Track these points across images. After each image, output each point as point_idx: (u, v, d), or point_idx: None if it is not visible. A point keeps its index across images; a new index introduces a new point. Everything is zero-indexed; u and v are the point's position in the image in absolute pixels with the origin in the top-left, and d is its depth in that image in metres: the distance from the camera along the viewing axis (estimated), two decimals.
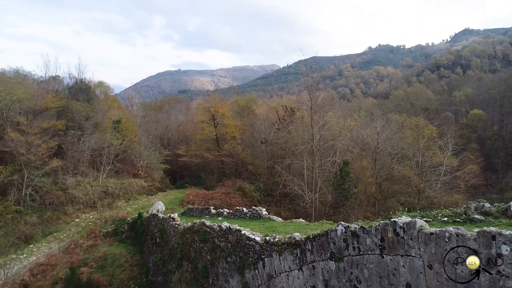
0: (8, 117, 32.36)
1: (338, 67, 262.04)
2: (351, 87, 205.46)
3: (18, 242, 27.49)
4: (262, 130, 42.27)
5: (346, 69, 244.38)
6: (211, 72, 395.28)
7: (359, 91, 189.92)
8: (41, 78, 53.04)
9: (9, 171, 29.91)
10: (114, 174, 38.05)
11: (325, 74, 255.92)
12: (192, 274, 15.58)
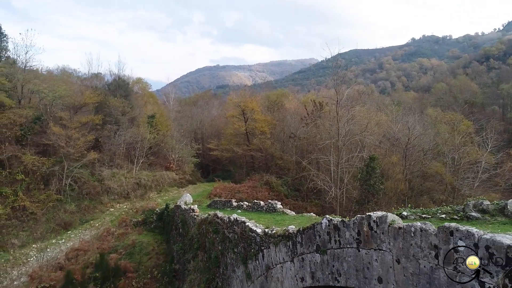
0: (51, 112, 34.74)
1: (378, 60, 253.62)
2: (392, 80, 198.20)
3: (58, 228, 29.68)
4: (291, 125, 42.24)
5: (387, 61, 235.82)
6: (248, 67, 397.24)
7: (400, 84, 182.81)
8: (84, 75, 56.40)
9: (51, 163, 32.20)
10: (148, 167, 39.76)
11: (365, 67, 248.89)
12: (206, 263, 16.16)
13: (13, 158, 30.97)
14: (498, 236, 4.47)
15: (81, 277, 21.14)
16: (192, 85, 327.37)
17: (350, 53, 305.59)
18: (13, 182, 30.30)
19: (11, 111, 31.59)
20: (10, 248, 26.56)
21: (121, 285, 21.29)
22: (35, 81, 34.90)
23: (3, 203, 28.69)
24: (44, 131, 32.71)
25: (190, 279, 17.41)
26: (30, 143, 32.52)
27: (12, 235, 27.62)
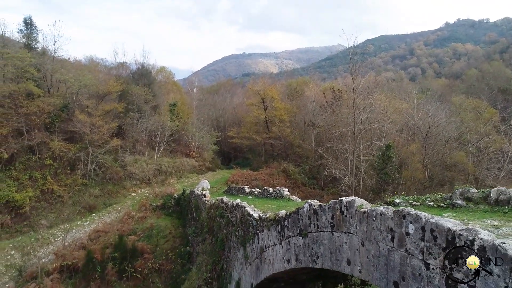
0: (77, 100, 36.30)
1: (409, 45, 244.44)
2: (422, 67, 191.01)
3: (83, 211, 31.35)
4: (311, 113, 42.02)
5: (419, 47, 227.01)
6: (275, 54, 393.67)
7: (431, 71, 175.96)
8: (111, 64, 58.21)
9: (77, 149, 33.85)
10: (169, 154, 40.93)
11: (395, 53, 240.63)
12: (213, 246, 16.78)
13: (42, 144, 32.77)
14: (442, 220, 4.59)
15: (101, 256, 22.42)
16: (218, 73, 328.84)
17: (380, 39, 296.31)
18: (42, 166, 32.13)
19: (40, 99, 33.25)
20: (39, 228, 28.42)
21: (138, 265, 22.41)
22: (62, 70, 36.44)
23: (33, 186, 30.56)
24: (71, 119, 34.28)
25: (199, 260, 18.15)
26: (57, 130, 34.24)
27: (41, 216, 29.49)
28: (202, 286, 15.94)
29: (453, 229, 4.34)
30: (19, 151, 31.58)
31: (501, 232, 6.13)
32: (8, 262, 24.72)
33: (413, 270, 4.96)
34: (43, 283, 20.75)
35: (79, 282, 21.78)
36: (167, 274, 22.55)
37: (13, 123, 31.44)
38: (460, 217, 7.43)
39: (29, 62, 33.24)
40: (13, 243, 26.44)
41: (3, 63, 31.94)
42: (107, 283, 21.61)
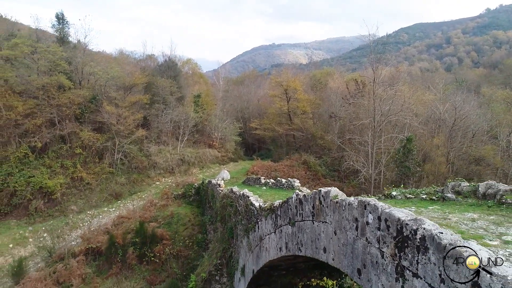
0: (105, 92, 37.83)
1: (446, 33, 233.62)
2: (459, 56, 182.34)
3: (110, 198, 32.93)
4: (334, 104, 41.62)
5: (456, 35, 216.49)
6: (304, 45, 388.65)
7: (468, 60, 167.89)
8: (140, 57, 59.99)
9: (105, 139, 35.43)
10: (192, 144, 41.96)
11: (430, 42, 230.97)
12: (224, 234, 17.34)
13: (72, 134, 34.56)
14: (394, 210, 4.74)
15: (122, 241, 23.62)
16: (248, 64, 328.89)
17: (414, 27, 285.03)
18: (72, 155, 33.93)
19: (70, 91, 34.94)
20: (69, 213, 30.21)
21: (156, 250, 23.44)
22: (91, 63, 38.06)
23: (64, 173, 32.39)
24: (99, 110, 35.83)
25: (211, 247, 18.81)
26: (87, 121, 35.93)
27: (71, 202, 31.27)
28: (212, 271, 16.57)
29: (402, 219, 4.49)
30: (51, 140, 33.44)
31: (475, 225, 6.17)
32: (40, 243, 26.55)
33: (372, 258, 5.14)
34: (69, 264, 22.19)
35: (102, 264, 23.13)
36: (184, 260, 23.47)
37: (46, 114, 33.27)
38: (444, 210, 7.46)
39: (61, 56, 34.95)
40: (46, 226, 28.31)
41: (37, 57, 33.74)
42: (127, 266, 22.81)
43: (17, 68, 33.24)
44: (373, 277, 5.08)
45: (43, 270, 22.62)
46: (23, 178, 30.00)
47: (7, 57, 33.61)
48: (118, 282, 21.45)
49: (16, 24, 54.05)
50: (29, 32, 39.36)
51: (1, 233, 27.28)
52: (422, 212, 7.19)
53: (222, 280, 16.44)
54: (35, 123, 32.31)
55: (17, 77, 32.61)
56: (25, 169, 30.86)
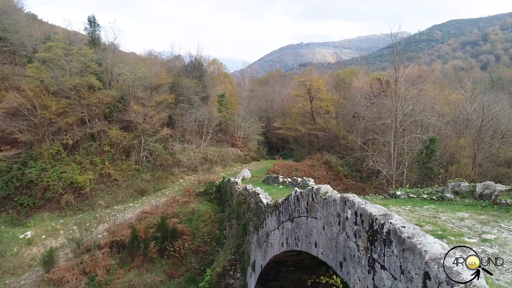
0: (132, 92, 39.29)
1: (482, 30, 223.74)
2: (497, 53, 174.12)
3: (136, 194, 34.22)
4: (357, 104, 41.21)
5: (493, 32, 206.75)
6: (333, 43, 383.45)
7: (507, 58, 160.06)
8: (167, 57, 61.73)
9: (131, 137, 36.83)
10: (215, 143, 42.80)
11: (465, 39, 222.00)
12: (238, 230, 17.80)
13: (101, 132, 36.14)
14: (368, 206, 4.96)
15: (144, 235, 24.60)
16: (275, 63, 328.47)
17: (449, 24, 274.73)
18: (101, 152, 35.50)
19: (100, 91, 36.56)
20: (97, 208, 31.69)
21: (177, 245, 24.25)
22: (119, 64, 39.59)
23: (93, 170, 33.94)
24: (126, 109, 37.28)
25: (226, 243, 19.32)
26: (115, 120, 37.45)
27: (99, 197, 32.77)
28: (227, 266, 17.07)
29: (373, 214, 4.71)
30: (82, 138, 35.13)
31: (461, 224, 6.28)
32: (70, 235, 28.02)
33: (350, 251, 5.37)
34: (95, 255, 23.39)
35: (125, 257, 24.21)
36: (203, 256, 24.13)
37: (77, 113, 34.98)
38: (437, 209, 7.54)
39: (91, 58, 36.63)
40: (75, 219, 29.84)
41: (69, 59, 35.53)
42: (149, 260, 23.76)
43: (52, 69, 35.11)
44: (351, 270, 5.32)
45: (71, 260, 23.96)
46: (55, 174, 31.70)
47: (43, 59, 35.62)
48: (140, 274, 22.38)
49: (53, 27, 57.08)
50: (63, 35, 41.41)
51: (35, 225, 29.01)
52: (415, 211, 7.32)
53: (236, 275, 16.89)
54: (67, 122, 34.04)
55: (52, 78, 34.45)
56: (58, 165, 32.58)
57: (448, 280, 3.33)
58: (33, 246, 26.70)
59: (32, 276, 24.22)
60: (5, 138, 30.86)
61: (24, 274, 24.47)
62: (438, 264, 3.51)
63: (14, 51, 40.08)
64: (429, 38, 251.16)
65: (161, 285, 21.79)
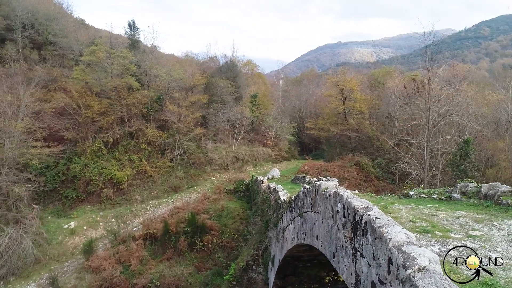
0: (168, 93, 41.02)
1: None
2: None
3: (170, 190, 35.76)
4: (391, 104, 40.43)
5: None
6: (372, 42, 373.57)
7: None
8: (204, 58, 63.54)
9: (167, 136, 38.48)
10: (247, 143, 43.65)
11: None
12: (261, 227, 18.38)
13: (139, 131, 38.05)
14: (353, 200, 5.35)
15: (175, 229, 25.83)
16: (312, 63, 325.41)
17: (498, 19, 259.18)
18: (138, 150, 37.39)
19: (138, 92, 38.53)
20: (133, 202, 33.50)
21: (205, 239, 25.25)
22: (157, 66, 41.46)
23: (131, 166, 35.84)
24: (162, 109, 39.02)
25: (250, 239, 19.94)
26: (152, 119, 39.27)
27: (135, 192, 34.57)
28: (250, 261, 17.71)
29: (356, 207, 5.11)
30: (121, 136, 37.18)
31: (455, 221, 6.50)
32: (108, 227, 29.92)
33: (340, 242, 5.77)
34: (130, 246, 24.91)
35: (157, 249, 25.56)
36: (230, 251, 24.92)
37: (117, 113, 37.07)
38: (439, 208, 7.71)
39: (131, 60, 38.68)
40: (113, 212, 31.77)
41: (111, 61, 37.75)
42: (179, 253, 24.93)
43: (95, 71, 37.46)
44: (341, 259, 5.72)
45: (108, 250, 25.65)
46: (97, 169, 33.82)
47: (88, 62, 38.10)
48: (170, 266, 23.56)
49: (98, 31, 60.65)
50: (106, 39, 43.96)
51: (78, 216, 31.19)
52: (416, 209, 7.55)
53: (258, 270, 17.48)
54: (108, 121, 36.16)
55: (95, 80, 36.77)
56: (99, 161, 34.71)
57: (404, 264, 3.71)
58: (76, 235, 28.79)
59: (74, 263, 26.19)
60: (53, 136, 33.32)
61: (67, 261, 26.51)
62: (399, 250, 3.89)
63: (63, 55, 43.09)
64: (476, 35, 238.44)
65: (190, 277, 22.83)
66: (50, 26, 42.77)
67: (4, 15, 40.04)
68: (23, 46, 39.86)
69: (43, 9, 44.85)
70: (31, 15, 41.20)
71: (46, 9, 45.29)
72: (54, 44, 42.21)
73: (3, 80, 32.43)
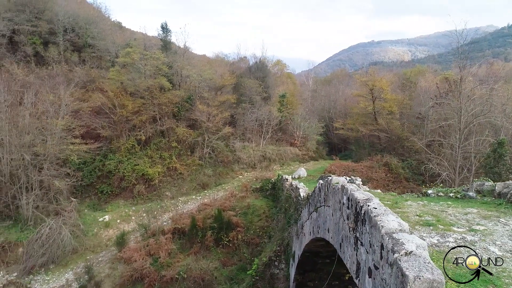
0: (198, 93, 42.15)
1: None
2: None
3: (198, 187, 36.78)
4: (423, 105, 39.47)
5: None
6: (408, 41, 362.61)
7: None
8: (233, 59, 64.50)
9: (196, 135, 39.59)
10: (275, 142, 44.04)
11: None
12: (284, 224, 18.73)
13: (170, 130, 39.38)
14: (356, 192, 5.65)
15: (202, 224, 26.64)
16: (344, 63, 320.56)
17: None
18: (169, 148, 38.70)
19: (170, 92, 39.88)
20: (164, 198, 34.74)
21: (231, 235, 25.86)
22: (187, 67, 42.72)
23: (162, 163, 37.15)
24: (192, 109, 40.17)
25: (273, 236, 20.32)
26: (182, 118, 40.52)
27: (166, 189, 35.83)
28: (272, 257, 18.11)
29: (358, 199, 5.41)
30: (153, 134, 38.63)
31: (463, 217, 6.64)
32: (140, 221, 31.27)
33: (345, 232, 6.06)
34: (159, 240, 25.98)
35: (185, 243, 26.48)
36: (254, 248, 25.39)
37: (150, 112, 38.55)
38: (450, 205, 7.80)
39: (163, 61, 40.10)
40: (145, 207, 33.12)
41: (144, 62, 39.33)
42: (205, 247, 25.71)
43: (130, 72, 39.15)
44: (345, 249, 6.02)
45: (139, 243, 26.88)
46: (130, 166, 35.36)
47: (123, 63, 39.90)
48: (197, 260, 24.37)
49: (134, 33, 63.07)
50: (139, 41, 45.75)
51: (112, 210, 32.78)
52: (427, 205, 7.71)
53: (281, 266, 17.85)
54: (141, 119, 37.68)
55: (129, 80, 38.44)
56: (132, 158, 36.28)
57: (392, 249, 4.01)
58: (110, 228, 30.31)
59: (108, 254, 27.63)
60: (90, 133, 35.19)
61: (101, 252, 28.01)
62: (390, 236, 4.19)
63: (100, 56, 45.33)
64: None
65: (215, 271, 23.53)
66: (89, 29, 45.13)
67: (48, 19, 42.68)
68: (64, 49, 42.34)
69: (83, 13, 47.38)
70: (72, 19, 43.67)
71: (85, 13, 47.81)
72: (92, 46, 44.48)
73: (46, 81, 34.70)
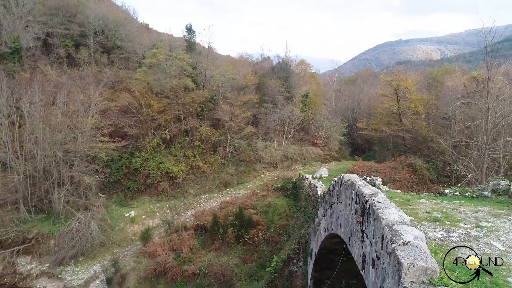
0: (221, 93, 42.82)
1: None
2: None
3: (220, 186, 37.42)
4: (449, 105, 38.50)
5: None
6: (437, 39, 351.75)
7: None
8: (257, 59, 64.95)
9: (219, 134, 40.26)
10: (297, 142, 44.12)
11: None
12: (303, 222, 18.94)
13: (194, 129, 40.24)
14: (363, 188, 5.88)
15: (224, 222, 27.21)
16: (370, 62, 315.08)
17: None
18: (193, 147, 39.55)
19: (194, 92, 40.75)
20: (187, 196, 35.59)
21: (251, 233, 26.31)
22: (211, 67, 43.49)
23: (185, 162, 38.03)
24: (215, 108, 40.88)
25: (293, 234, 20.53)
26: (205, 117, 41.30)
27: (189, 186, 36.66)
28: (291, 255, 18.36)
29: (365, 194, 5.63)
30: (177, 133, 39.60)
31: (472, 215, 6.75)
32: (164, 217, 32.23)
33: (353, 226, 6.29)
34: (182, 236, 26.76)
35: (206, 239, 27.14)
36: (274, 246, 25.71)
37: (174, 111, 39.54)
38: (462, 203, 7.84)
39: (188, 62, 41.03)
40: (169, 204, 34.06)
41: (169, 63, 40.37)
42: (226, 244, 26.27)
43: (156, 73, 40.28)
44: (353, 242, 6.24)
45: (163, 238, 27.78)
46: (155, 164, 36.41)
47: (149, 64, 41.11)
48: (218, 256, 24.96)
49: (160, 34, 64.63)
50: (165, 43, 46.93)
51: (138, 206, 33.91)
52: (439, 203, 7.81)
53: (299, 263, 18.08)
54: (166, 119, 38.72)
55: (155, 80, 39.57)
56: (157, 156, 37.33)
57: (391, 239, 4.25)
58: (135, 224, 31.41)
59: (133, 248, 28.69)
60: (118, 132, 36.51)
61: (127, 246, 29.11)
62: (390, 228, 4.42)
63: (128, 58, 46.86)
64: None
65: (235, 268, 24.03)
66: (118, 31, 46.74)
67: (79, 23, 44.57)
68: (94, 51, 44.08)
69: (112, 16, 49.10)
70: (102, 22, 45.38)
71: (114, 16, 49.52)
72: (121, 48, 46.06)
73: (77, 82, 36.30)
